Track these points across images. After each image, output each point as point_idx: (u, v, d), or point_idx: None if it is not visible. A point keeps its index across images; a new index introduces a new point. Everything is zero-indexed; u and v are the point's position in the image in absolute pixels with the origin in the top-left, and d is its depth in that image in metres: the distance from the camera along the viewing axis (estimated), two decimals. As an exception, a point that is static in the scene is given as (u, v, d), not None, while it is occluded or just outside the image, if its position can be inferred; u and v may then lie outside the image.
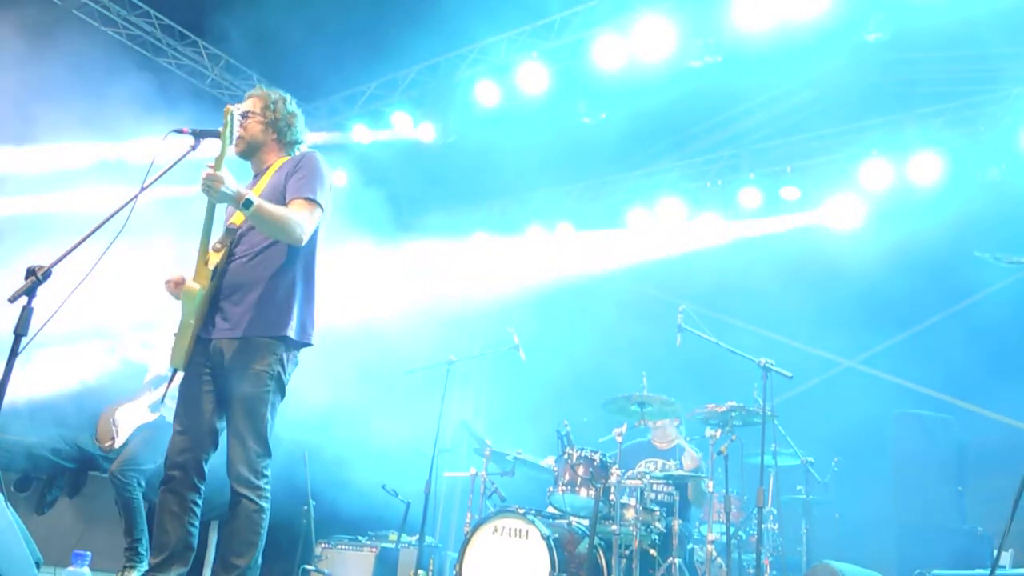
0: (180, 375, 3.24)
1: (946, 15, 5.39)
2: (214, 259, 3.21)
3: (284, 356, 3.24)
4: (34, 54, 5.64)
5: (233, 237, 3.30)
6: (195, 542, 3.18)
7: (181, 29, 7.20)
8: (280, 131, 3.51)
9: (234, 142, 3.33)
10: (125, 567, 4.91)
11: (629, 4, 6.10)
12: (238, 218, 3.30)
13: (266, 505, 3.17)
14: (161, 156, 3.02)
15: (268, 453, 3.18)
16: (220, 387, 3.22)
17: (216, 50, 7.41)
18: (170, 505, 3.13)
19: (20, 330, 2.47)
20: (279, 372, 3.22)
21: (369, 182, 7.81)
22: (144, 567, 4.78)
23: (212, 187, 2.96)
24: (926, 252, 6.63)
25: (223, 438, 3.25)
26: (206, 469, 3.21)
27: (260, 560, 3.18)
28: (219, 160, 3.06)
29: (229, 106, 3.18)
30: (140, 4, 6.90)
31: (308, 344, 3.36)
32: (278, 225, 3.13)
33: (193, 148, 3.15)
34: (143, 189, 2.91)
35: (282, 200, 3.26)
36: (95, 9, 6.77)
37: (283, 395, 3.29)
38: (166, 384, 3.36)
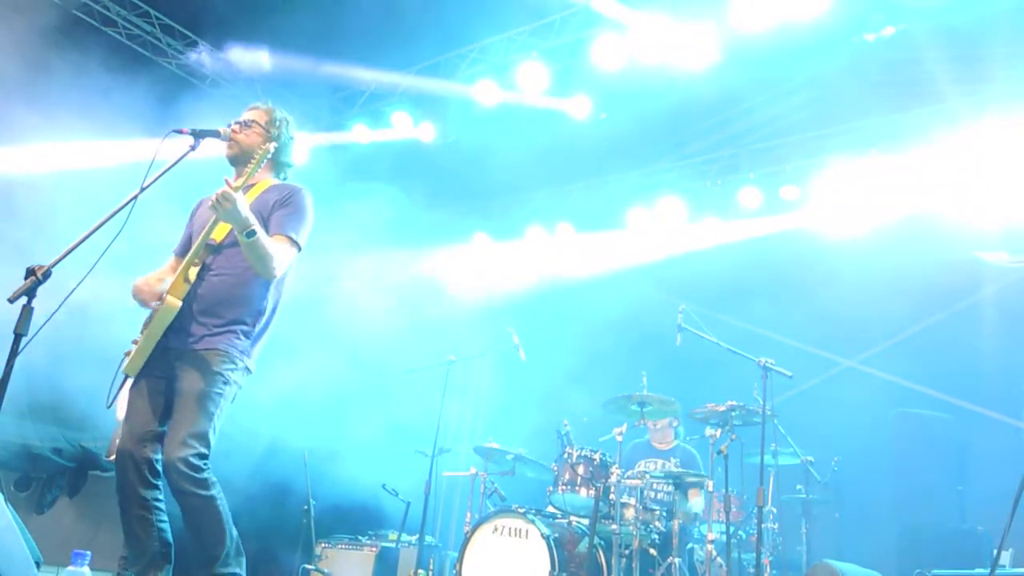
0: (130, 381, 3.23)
1: (946, 15, 5.39)
2: (193, 274, 3.21)
3: (240, 370, 3.26)
4: (33, 54, 5.64)
5: (211, 253, 3.29)
6: (170, 537, 3.14)
7: (181, 29, 7.20)
8: (278, 149, 3.50)
9: (229, 147, 3.40)
10: (118, 574, 4.94)
11: (629, 4, 6.10)
12: (219, 234, 3.28)
13: (215, 492, 3.08)
14: (161, 156, 3.02)
15: (207, 453, 3.12)
16: (171, 392, 3.19)
17: (216, 50, 7.41)
18: (134, 510, 3.10)
19: (20, 330, 2.48)
20: (234, 380, 3.23)
21: (369, 182, 7.81)
22: None
23: (222, 205, 2.96)
24: (926, 251, 6.63)
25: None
26: (159, 468, 3.15)
27: (235, 532, 3.13)
28: (239, 184, 3.08)
29: (267, 145, 3.22)
30: (140, 4, 6.90)
31: (249, 372, 3.37)
32: (265, 259, 3.15)
33: (193, 148, 3.16)
34: (143, 189, 2.91)
35: (263, 224, 3.26)
36: (95, 9, 6.77)
37: (231, 402, 3.28)
38: (118, 389, 3.32)
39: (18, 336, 2.47)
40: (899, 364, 7.21)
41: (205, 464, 3.09)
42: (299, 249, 3.34)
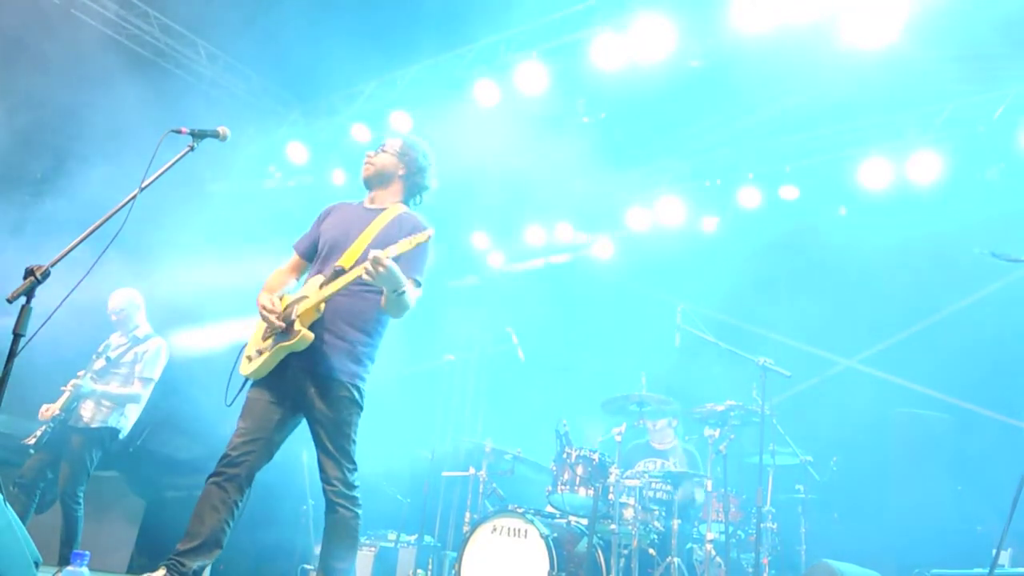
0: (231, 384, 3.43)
1: (946, 16, 5.38)
2: (323, 306, 3.34)
3: (364, 389, 3.49)
4: (32, 53, 5.64)
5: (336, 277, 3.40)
6: (225, 540, 3.24)
7: (181, 29, 7.20)
8: (409, 173, 3.68)
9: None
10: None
11: (628, 4, 6.10)
12: (347, 261, 3.42)
13: (360, 512, 3.36)
14: (159, 156, 3.02)
15: (356, 467, 3.41)
16: (295, 405, 3.36)
17: (216, 50, 7.41)
18: (212, 499, 3.21)
19: (19, 330, 2.48)
20: (359, 398, 3.45)
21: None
22: None
23: (379, 272, 3.08)
24: (926, 251, 6.63)
25: (278, 451, 3.44)
26: (254, 478, 3.31)
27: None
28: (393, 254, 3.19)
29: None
30: (139, 4, 6.90)
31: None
32: (403, 308, 3.34)
33: (192, 148, 3.16)
34: (141, 189, 2.91)
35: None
36: (94, 9, 6.77)
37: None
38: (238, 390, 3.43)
39: (17, 336, 2.47)
40: (899, 364, 7.21)
41: (358, 482, 3.36)
42: (420, 288, 3.51)
